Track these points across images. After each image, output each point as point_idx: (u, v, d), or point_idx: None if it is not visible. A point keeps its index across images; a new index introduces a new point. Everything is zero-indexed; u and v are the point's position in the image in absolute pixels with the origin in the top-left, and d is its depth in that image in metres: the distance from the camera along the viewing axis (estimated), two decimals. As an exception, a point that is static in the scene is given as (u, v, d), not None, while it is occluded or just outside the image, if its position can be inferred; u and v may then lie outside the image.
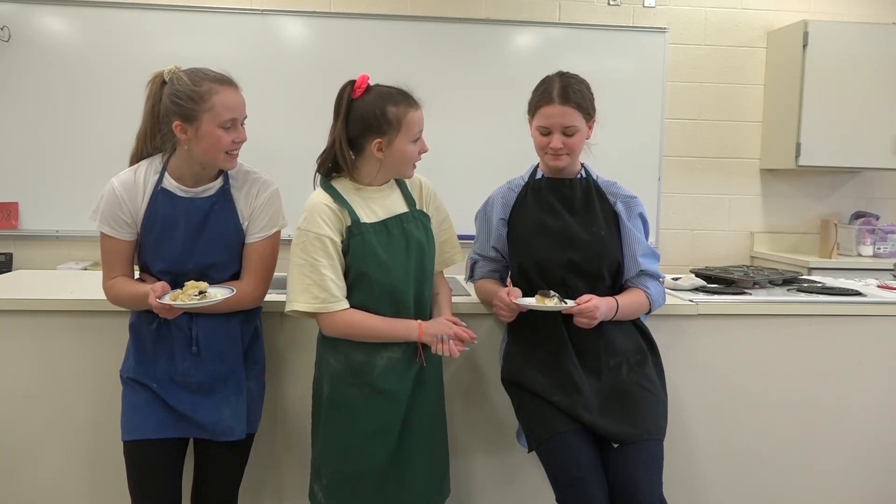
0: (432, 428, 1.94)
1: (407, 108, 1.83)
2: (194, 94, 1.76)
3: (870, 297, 2.50)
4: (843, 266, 4.17)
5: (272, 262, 1.94)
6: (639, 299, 2.02)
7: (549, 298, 1.90)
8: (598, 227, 2.00)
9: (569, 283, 1.97)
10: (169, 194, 1.84)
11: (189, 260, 1.84)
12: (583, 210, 2.03)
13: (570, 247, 1.98)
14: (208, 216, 1.85)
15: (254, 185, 1.92)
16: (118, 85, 4.05)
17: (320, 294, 1.80)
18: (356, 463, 1.85)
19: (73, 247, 4.15)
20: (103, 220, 1.83)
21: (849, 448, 2.42)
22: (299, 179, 4.14)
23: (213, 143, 1.77)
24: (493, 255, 2.13)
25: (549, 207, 2.03)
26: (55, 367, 2.15)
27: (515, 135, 4.31)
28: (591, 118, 1.99)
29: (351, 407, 1.86)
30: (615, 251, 2.01)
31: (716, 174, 4.58)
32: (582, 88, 1.97)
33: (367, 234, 1.83)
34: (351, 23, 4.22)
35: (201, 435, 1.87)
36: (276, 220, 1.93)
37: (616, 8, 4.41)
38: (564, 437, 1.87)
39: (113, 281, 1.86)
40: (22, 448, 2.17)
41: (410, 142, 1.84)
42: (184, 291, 1.75)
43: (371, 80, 1.87)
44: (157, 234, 1.83)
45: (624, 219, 2.03)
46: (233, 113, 1.79)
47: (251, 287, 1.88)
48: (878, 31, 4.27)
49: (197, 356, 1.85)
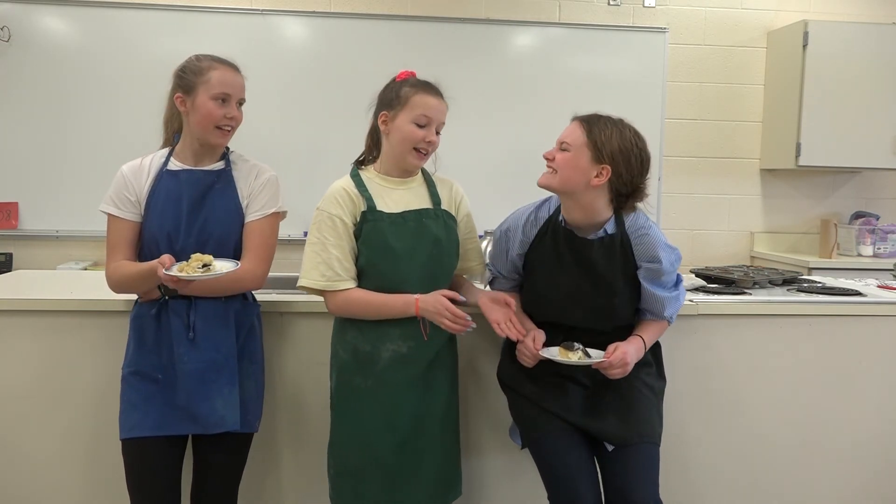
0: (442, 428, 1.94)
1: (419, 91, 1.85)
2: (194, 68, 1.88)
3: (870, 297, 2.50)
4: (843, 266, 4.17)
5: (272, 243, 1.96)
6: (661, 328, 2.01)
7: (573, 351, 1.85)
8: (614, 292, 1.90)
9: (573, 338, 1.89)
10: (172, 173, 1.92)
11: (189, 234, 1.87)
12: (600, 275, 1.89)
13: (578, 309, 1.93)
14: (209, 191, 1.91)
15: (253, 168, 2.00)
16: (118, 85, 4.05)
17: (327, 272, 1.84)
18: (360, 456, 1.86)
19: (73, 247, 4.15)
20: (109, 201, 1.90)
21: (849, 448, 2.42)
22: (299, 178, 4.15)
23: (206, 114, 1.85)
24: (512, 276, 2.08)
25: (563, 263, 1.92)
26: (55, 367, 2.15)
27: (516, 135, 4.36)
28: (602, 162, 1.80)
29: (356, 397, 1.88)
30: (629, 313, 1.96)
31: (716, 174, 4.58)
32: (609, 130, 1.81)
33: (381, 223, 1.85)
34: (351, 23, 4.22)
35: (196, 429, 1.87)
36: (275, 201, 1.96)
37: (616, 8, 4.41)
38: (555, 436, 1.88)
39: (117, 264, 1.89)
40: (22, 448, 2.17)
41: (413, 122, 1.84)
42: (189, 264, 1.77)
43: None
44: (159, 210, 1.88)
45: (646, 284, 1.92)
46: (226, 88, 1.87)
47: (252, 265, 1.90)
48: (878, 31, 4.27)
49: (193, 342, 1.87)
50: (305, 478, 2.23)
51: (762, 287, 2.61)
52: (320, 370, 2.13)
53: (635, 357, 1.88)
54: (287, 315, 2.19)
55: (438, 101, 1.88)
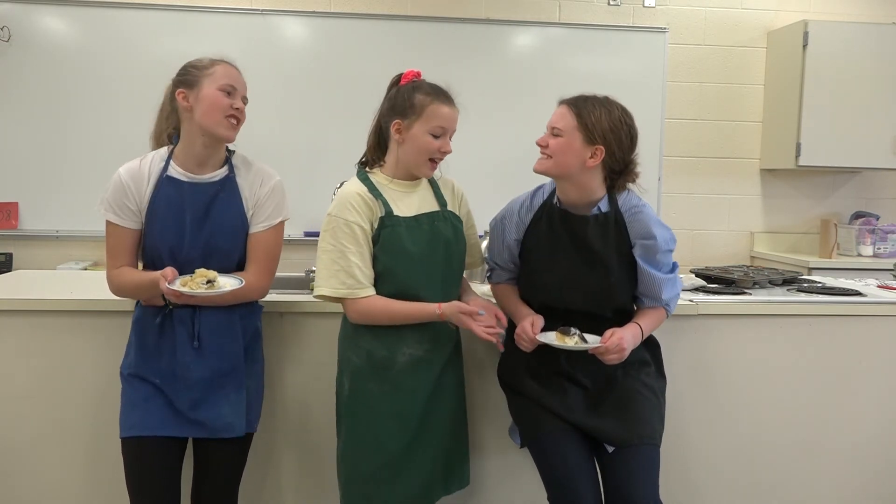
0: (451, 426, 1.95)
1: (434, 100, 1.83)
2: (196, 63, 1.86)
3: (870, 297, 2.50)
4: (843, 266, 4.17)
5: (277, 253, 1.95)
6: (659, 317, 2.00)
7: (570, 336, 1.86)
8: (609, 272, 1.91)
9: (571, 323, 1.90)
10: (174, 181, 1.86)
11: (193, 247, 1.85)
12: (595, 252, 1.91)
13: (574, 291, 1.93)
14: (213, 202, 1.87)
15: (258, 175, 1.94)
16: (118, 85, 4.05)
17: (347, 280, 1.81)
18: (372, 461, 1.85)
19: (73, 247, 4.15)
20: (108, 207, 1.85)
21: (849, 448, 2.42)
22: (298, 178, 4.13)
23: (213, 103, 1.81)
24: (509, 266, 2.10)
25: (559, 243, 1.95)
26: (55, 367, 2.15)
27: (515, 134, 4.35)
28: (595, 143, 1.84)
29: (371, 403, 1.86)
30: (625, 296, 1.96)
31: (716, 174, 4.58)
32: (599, 111, 1.84)
33: (399, 227, 1.84)
34: (351, 23, 4.22)
35: (200, 434, 1.87)
36: (281, 210, 1.94)
37: (616, 8, 4.41)
38: (554, 437, 1.87)
39: (118, 270, 1.87)
40: (21, 448, 2.17)
41: (429, 133, 1.83)
42: (193, 279, 1.75)
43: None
44: (161, 221, 1.84)
45: (641, 263, 1.93)
46: (232, 80, 1.85)
47: (256, 278, 1.89)
48: (878, 31, 4.27)
49: (198, 351, 1.85)
50: (305, 477, 2.23)
51: (762, 287, 2.61)
52: (321, 370, 2.13)
53: (632, 343, 1.88)
54: (287, 315, 2.18)
55: (452, 110, 1.85)
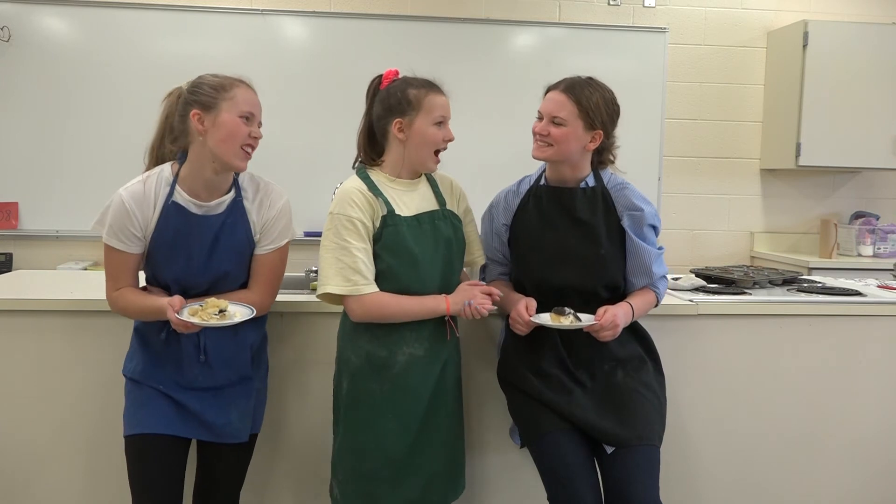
0: (451, 426, 1.95)
1: (429, 91, 1.84)
2: (216, 84, 1.76)
3: (870, 297, 2.50)
4: (843, 266, 4.17)
5: (281, 272, 1.94)
6: (649, 299, 2.02)
7: (564, 316, 1.87)
8: (599, 243, 1.94)
9: (564, 302, 1.91)
10: (181, 209, 1.79)
11: (201, 274, 1.83)
12: (584, 223, 1.95)
13: (566, 265, 1.95)
14: (221, 231, 1.82)
15: (266, 196, 1.89)
16: (118, 85, 4.05)
17: (352, 276, 1.79)
18: (372, 460, 1.85)
19: (73, 247, 4.15)
20: (111, 233, 1.77)
21: (849, 448, 2.42)
22: (298, 178, 4.13)
23: (232, 131, 1.73)
24: (501, 258, 2.11)
25: (548, 218, 1.98)
26: (55, 367, 2.15)
27: (515, 134, 4.34)
28: (595, 128, 1.91)
29: (370, 403, 1.86)
30: (615, 270, 1.97)
31: (716, 174, 4.58)
32: (595, 96, 1.90)
33: (401, 227, 1.83)
34: (351, 23, 4.22)
35: (206, 437, 1.86)
36: (288, 232, 1.91)
37: (616, 8, 4.41)
38: (555, 437, 1.88)
39: (119, 292, 1.82)
40: (21, 448, 2.17)
41: (432, 124, 1.84)
42: (203, 309, 1.72)
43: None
44: (168, 250, 1.80)
45: (630, 234, 1.96)
46: (252, 107, 1.78)
47: (260, 297, 1.88)
48: (878, 31, 4.27)
49: (205, 364, 1.84)
50: (305, 477, 2.23)
51: (762, 287, 2.61)
52: (321, 370, 2.13)
53: (624, 320, 1.90)
54: (287, 315, 2.19)
55: (445, 98, 1.88)
